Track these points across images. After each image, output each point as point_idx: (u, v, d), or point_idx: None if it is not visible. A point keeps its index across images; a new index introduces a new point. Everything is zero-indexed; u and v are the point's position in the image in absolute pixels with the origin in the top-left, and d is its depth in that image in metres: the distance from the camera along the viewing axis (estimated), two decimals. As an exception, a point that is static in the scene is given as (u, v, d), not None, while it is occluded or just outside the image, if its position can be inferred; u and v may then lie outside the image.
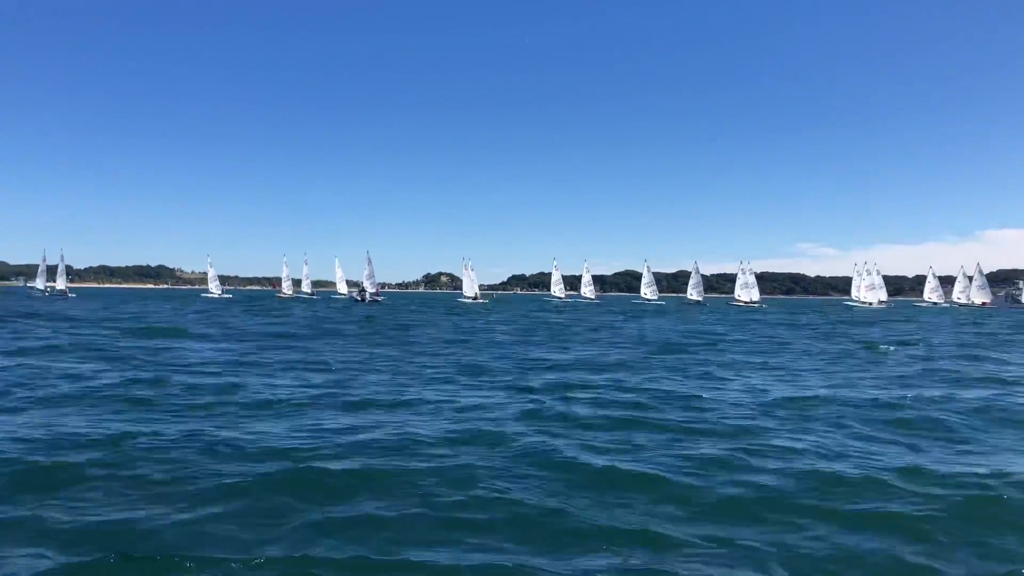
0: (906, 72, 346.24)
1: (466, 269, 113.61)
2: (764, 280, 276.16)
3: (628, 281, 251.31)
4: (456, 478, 8.81)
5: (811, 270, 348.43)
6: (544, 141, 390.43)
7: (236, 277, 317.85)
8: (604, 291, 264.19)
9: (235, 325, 42.10)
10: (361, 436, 11.08)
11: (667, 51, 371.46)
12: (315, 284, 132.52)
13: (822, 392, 16.40)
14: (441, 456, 9.85)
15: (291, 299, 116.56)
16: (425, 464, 9.43)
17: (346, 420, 12.55)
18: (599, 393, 15.97)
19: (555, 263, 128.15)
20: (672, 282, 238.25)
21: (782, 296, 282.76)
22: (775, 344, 32.93)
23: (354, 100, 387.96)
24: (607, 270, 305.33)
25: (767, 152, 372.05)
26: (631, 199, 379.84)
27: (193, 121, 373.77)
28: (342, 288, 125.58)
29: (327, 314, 62.60)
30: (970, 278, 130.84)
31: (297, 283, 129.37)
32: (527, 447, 10.29)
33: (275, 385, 16.76)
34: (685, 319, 61.69)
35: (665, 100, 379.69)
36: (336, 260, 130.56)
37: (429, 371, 20.29)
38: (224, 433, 11.19)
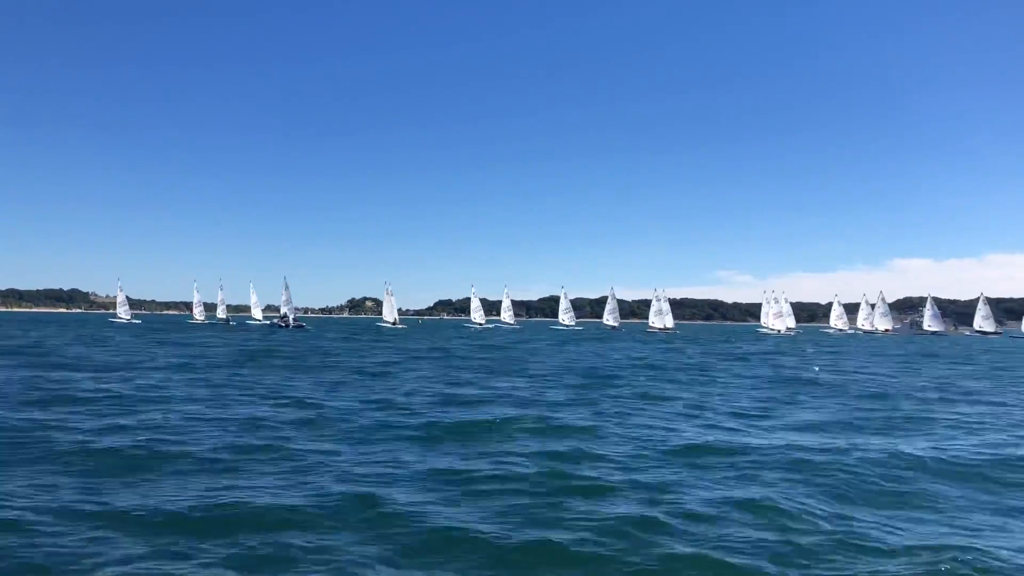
0: (822, 105, 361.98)
1: (387, 294, 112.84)
2: (684, 306, 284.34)
3: (552, 306, 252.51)
4: (338, 564, 7.89)
5: (729, 297, 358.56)
6: (472, 163, 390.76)
7: (153, 301, 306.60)
8: (530, 316, 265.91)
9: (138, 353, 39.63)
10: (245, 498, 10.00)
11: (586, 71, 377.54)
12: (231, 309, 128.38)
13: (733, 439, 15.98)
14: (322, 533, 8.86)
15: (204, 324, 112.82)
16: (308, 542, 8.48)
17: (231, 476, 11.41)
18: (502, 445, 14.58)
19: (473, 289, 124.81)
20: (595, 307, 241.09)
21: (701, 322, 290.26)
22: (687, 374, 32.92)
23: (272, 122, 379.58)
24: (533, 295, 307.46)
25: (688, 178, 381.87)
26: (555, 224, 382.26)
27: (108, 140, 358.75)
28: (257, 314, 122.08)
29: (242, 342, 60.11)
30: (872, 306, 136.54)
31: (212, 308, 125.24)
32: (427, 522, 9.33)
33: (166, 427, 15.36)
34: (597, 348, 61.37)
35: (586, 125, 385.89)
36: (251, 285, 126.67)
37: (336, 404, 19.16)
38: (80, 494, 9.92)
